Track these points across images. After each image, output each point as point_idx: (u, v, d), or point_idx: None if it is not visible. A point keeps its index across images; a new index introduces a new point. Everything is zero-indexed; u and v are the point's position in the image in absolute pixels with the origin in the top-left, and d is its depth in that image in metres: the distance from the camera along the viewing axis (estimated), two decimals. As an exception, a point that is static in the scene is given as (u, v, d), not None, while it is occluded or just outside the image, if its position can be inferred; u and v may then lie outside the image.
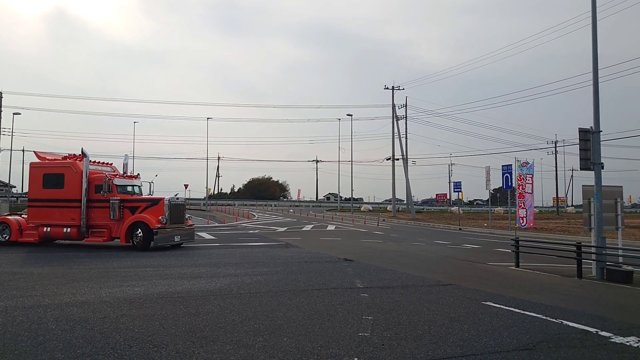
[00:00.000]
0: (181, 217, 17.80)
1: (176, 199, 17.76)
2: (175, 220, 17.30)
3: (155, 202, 17.15)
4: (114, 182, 17.27)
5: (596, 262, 12.60)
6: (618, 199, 13.61)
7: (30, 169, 18.27)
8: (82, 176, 17.25)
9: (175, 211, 17.25)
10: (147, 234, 16.44)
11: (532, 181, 33.91)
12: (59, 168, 17.86)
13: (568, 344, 5.92)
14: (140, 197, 17.90)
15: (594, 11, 13.63)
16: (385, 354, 5.30)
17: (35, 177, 17.97)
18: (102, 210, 17.15)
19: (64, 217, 17.42)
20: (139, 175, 19.58)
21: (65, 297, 8.18)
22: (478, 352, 5.46)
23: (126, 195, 17.53)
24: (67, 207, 17.37)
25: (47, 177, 17.76)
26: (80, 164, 17.55)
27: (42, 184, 17.75)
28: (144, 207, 17.02)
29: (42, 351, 5.15)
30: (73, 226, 17.30)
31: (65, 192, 17.47)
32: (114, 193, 17.12)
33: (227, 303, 7.93)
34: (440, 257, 16.57)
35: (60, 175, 17.62)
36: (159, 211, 16.77)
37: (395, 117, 55.50)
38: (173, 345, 5.45)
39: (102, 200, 17.07)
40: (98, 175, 17.57)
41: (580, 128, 13.47)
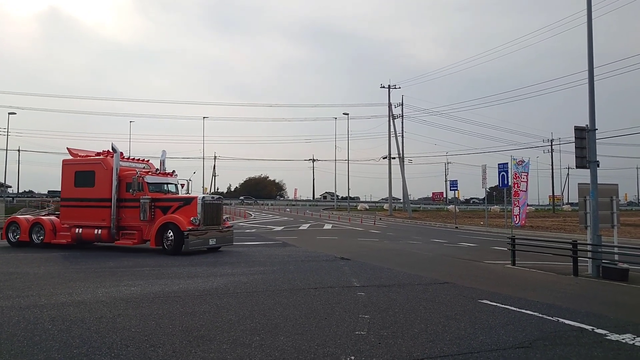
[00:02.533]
0: (217, 218, 16.18)
1: (211, 198, 16.44)
2: (210, 221, 15.76)
3: (187, 201, 15.75)
4: (146, 180, 16.01)
5: (592, 260, 12.65)
6: (614, 196, 13.67)
7: (63, 166, 17.35)
8: (112, 173, 16.09)
9: (210, 211, 15.75)
10: (179, 237, 14.84)
11: (526, 179, 34.00)
12: (89, 165, 16.84)
13: (564, 342, 5.94)
14: (172, 196, 16.51)
15: (589, 10, 13.67)
16: (382, 352, 5.31)
17: (68, 174, 17.08)
18: (133, 211, 15.94)
19: (95, 218, 16.33)
20: (174, 172, 18.21)
21: (61, 297, 8.15)
22: (474, 350, 5.47)
23: (158, 194, 16.24)
24: (98, 206, 16.29)
25: (79, 174, 16.85)
26: (110, 161, 16.36)
27: (74, 182, 16.85)
28: (176, 207, 15.63)
29: (39, 351, 5.13)
30: (104, 227, 16.15)
31: (95, 190, 16.44)
32: (145, 191, 15.82)
33: (223, 302, 7.92)
34: (436, 256, 16.60)
35: (91, 173, 16.62)
36: (192, 211, 15.31)
37: (391, 116, 55.56)
38: (170, 345, 5.44)
39: (133, 199, 15.86)
40: (129, 172, 16.30)
41: (576, 126, 13.52)
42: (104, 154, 16.97)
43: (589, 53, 13.57)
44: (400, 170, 55.25)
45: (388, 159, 56.29)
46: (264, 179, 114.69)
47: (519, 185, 33.13)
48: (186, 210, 15.37)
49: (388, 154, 56.08)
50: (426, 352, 5.35)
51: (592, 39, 13.55)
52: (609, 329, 6.59)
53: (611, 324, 6.88)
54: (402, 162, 55.75)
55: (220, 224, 16.30)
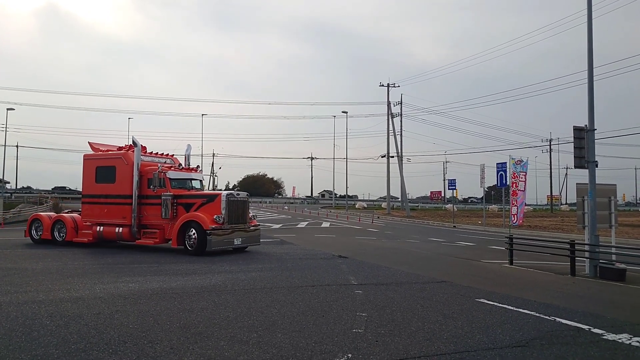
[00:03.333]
0: (243, 216, 15.25)
1: (236, 195, 15.43)
2: (236, 219, 14.87)
3: (211, 198, 14.92)
4: (168, 175, 15.22)
5: (589, 260, 12.67)
6: (612, 197, 13.69)
7: (84, 161, 16.73)
8: (133, 169, 15.35)
9: (234, 209, 14.87)
10: (202, 236, 14.02)
11: (524, 179, 34.05)
12: (110, 160, 16.19)
13: (561, 341, 5.96)
14: (195, 193, 15.69)
15: (589, 9, 13.67)
16: (379, 350, 5.32)
17: (89, 170, 16.50)
18: (154, 208, 15.23)
19: (116, 215, 15.69)
20: (199, 167, 17.41)
21: (59, 293, 8.16)
22: (471, 348, 5.48)
23: (181, 190, 15.45)
24: (119, 203, 15.65)
25: (100, 170, 16.26)
26: (131, 155, 15.59)
27: (95, 177, 16.31)
28: (199, 204, 14.81)
29: (37, 347, 5.14)
30: (125, 226, 15.47)
31: (116, 186, 15.77)
32: (167, 188, 15.09)
33: (221, 299, 7.93)
34: (434, 255, 16.63)
35: (112, 168, 15.93)
36: (215, 209, 14.47)
37: (390, 115, 55.55)
38: (167, 341, 5.45)
39: (154, 196, 15.15)
40: (150, 167, 15.56)
41: (574, 126, 13.53)
42: (125, 148, 16.36)
43: (588, 53, 13.58)
44: (399, 169, 55.27)
45: (386, 157, 56.30)
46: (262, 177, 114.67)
47: (517, 185, 33.19)
48: (209, 208, 14.58)
49: (387, 153, 56.10)
50: (423, 351, 5.37)
51: (592, 39, 13.55)
52: (606, 328, 6.60)
53: (608, 324, 6.90)
54: (401, 160, 55.76)
55: (247, 223, 15.41)
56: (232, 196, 15.02)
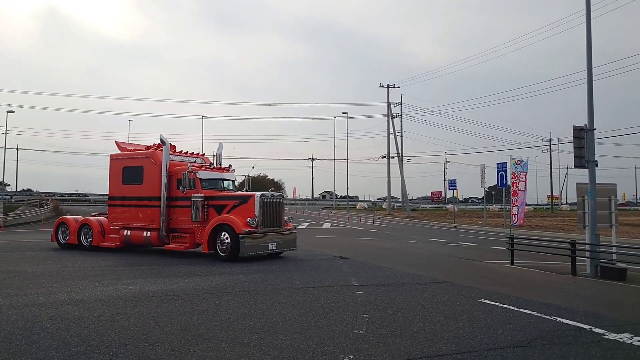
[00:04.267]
0: (278, 219, 14.21)
1: (271, 196, 14.32)
2: (270, 222, 13.85)
3: (244, 199, 13.83)
4: (198, 176, 14.24)
5: (590, 260, 12.66)
6: (612, 196, 13.68)
7: (110, 161, 15.97)
8: (161, 169, 14.49)
9: (269, 211, 13.83)
10: (234, 240, 13.02)
11: (525, 179, 34.03)
12: (137, 160, 15.39)
13: (562, 341, 5.95)
14: (227, 194, 14.65)
15: (588, 9, 13.67)
16: (381, 351, 5.32)
17: (115, 170, 15.71)
18: (184, 210, 14.29)
19: (144, 218, 14.88)
20: (231, 167, 16.27)
21: (60, 296, 8.15)
22: (473, 349, 5.47)
23: (212, 191, 14.48)
24: (146, 206, 14.85)
25: (127, 170, 15.46)
26: (159, 154, 14.74)
27: (122, 178, 15.52)
28: (231, 206, 13.82)
29: (37, 349, 5.13)
30: (153, 229, 14.62)
31: (144, 188, 14.96)
32: (198, 188, 14.12)
33: (222, 301, 7.92)
34: (435, 255, 16.62)
35: (139, 168, 15.13)
36: (248, 211, 13.45)
37: (390, 115, 55.57)
38: (168, 344, 5.44)
39: (184, 197, 14.21)
40: (180, 167, 14.63)
41: (574, 126, 13.53)
42: (153, 147, 15.54)
43: (587, 53, 13.58)
44: (399, 169, 55.27)
45: (387, 158, 56.31)
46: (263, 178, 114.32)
47: (518, 185, 33.15)
48: (242, 210, 13.57)
49: (387, 154, 56.10)
50: (425, 351, 5.36)
51: (590, 39, 13.55)
52: (607, 328, 6.59)
53: (609, 324, 6.89)
54: (401, 161, 55.76)
55: (282, 226, 14.39)
56: (266, 197, 13.93)
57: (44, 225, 35.52)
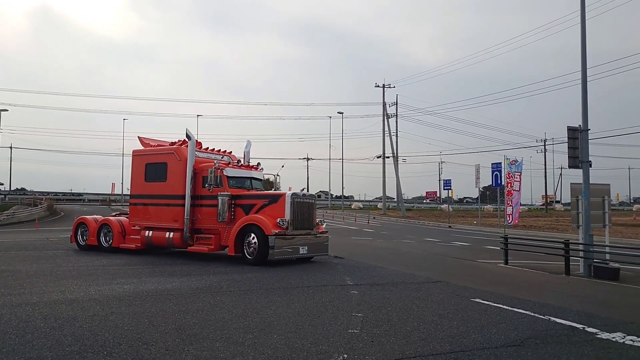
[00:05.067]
0: (309, 221, 13.27)
1: (302, 195, 13.38)
2: (301, 224, 12.91)
3: (274, 198, 12.99)
4: (225, 173, 13.46)
5: (584, 260, 12.74)
6: (605, 196, 13.77)
7: (133, 157, 15.30)
8: (186, 165, 13.77)
9: (300, 211, 12.92)
10: (263, 242, 12.13)
11: (519, 179, 34.15)
12: (161, 156, 14.66)
13: (555, 340, 5.98)
14: (256, 193, 13.87)
15: (582, 10, 13.73)
16: (375, 350, 5.32)
17: (138, 167, 15.02)
18: (209, 210, 13.50)
19: (167, 218, 14.15)
20: (259, 165, 15.57)
21: (53, 295, 8.11)
22: (467, 348, 5.49)
23: (240, 190, 13.70)
24: (170, 204, 14.08)
25: (150, 167, 14.73)
26: (184, 150, 14.02)
27: (144, 175, 14.81)
28: (260, 206, 13.00)
29: (30, 349, 5.11)
30: (176, 230, 13.86)
31: (167, 185, 14.22)
32: (224, 187, 13.33)
33: (217, 300, 7.91)
34: (429, 255, 16.66)
35: (163, 165, 14.40)
36: (278, 211, 12.62)
37: (386, 115, 55.65)
38: (162, 343, 5.43)
39: (210, 196, 13.41)
40: (206, 164, 13.92)
41: (569, 126, 13.60)
42: (178, 143, 14.74)
43: (582, 54, 13.65)
44: (394, 169, 55.39)
45: (382, 158, 56.40)
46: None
47: (512, 185, 33.27)
48: (272, 210, 12.75)
49: (382, 153, 56.18)
50: (419, 351, 5.37)
51: (585, 39, 13.62)
52: (600, 327, 6.63)
53: (602, 323, 6.94)
54: (396, 161, 55.89)
55: (313, 228, 13.42)
56: (297, 196, 13.01)
57: (37, 224, 35.35)
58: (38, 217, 42.44)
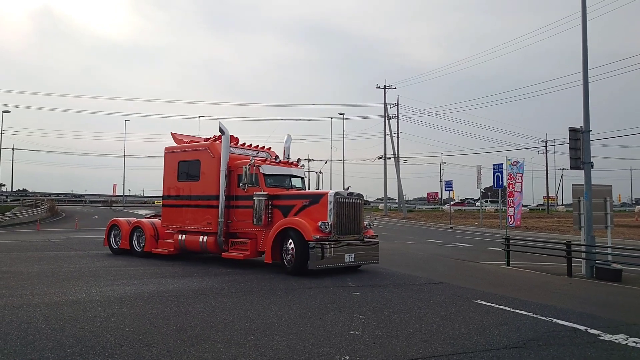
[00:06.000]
0: (356, 224, 11.61)
1: (348, 195, 11.67)
2: (347, 228, 11.35)
3: (315, 199, 11.56)
4: (261, 170, 12.20)
5: (586, 261, 12.70)
6: (607, 198, 13.74)
7: (165, 155, 14.30)
8: (220, 163, 12.67)
9: (346, 214, 11.38)
10: (302, 249, 10.72)
11: (521, 180, 34.08)
12: (193, 153, 13.59)
13: (558, 342, 5.96)
14: (294, 192, 12.56)
15: (584, 11, 13.72)
16: (377, 352, 5.31)
17: (170, 166, 14.06)
18: (245, 212, 12.23)
19: (200, 221, 13.02)
20: (300, 161, 14.29)
21: (55, 296, 8.11)
22: (469, 350, 5.48)
23: (278, 189, 12.42)
24: (203, 206, 13.01)
25: (182, 165, 13.76)
26: (218, 146, 12.86)
27: (177, 175, 13.84)
28: (299, 207, 11.62)
29: (32, 350, 5.10)
30: (210, 234, 12.69)
31: (201, 185, 13.16)
32: (261, 186, 12.05)
33: (218, 302, 7.91)
34: (431, 256, 16.64)
35: (196, 163, 13.36)
36: (320, 213, 11.19)
37: (386, 116, 55.64)
38: (164, 344, 5.42)
39: (245, 196, 12.17)
40: (241, 161, 12.56)
41: (570, 127, 13.56)
42: (213, 138, 13.58)
43: (583, 54, 13.63)
44: (396, 170, 55.39)
45: (383, 159, 56.37)
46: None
47: (514, 186, 33.21)
48: (312, 212, 11.37)
49: (384, 154, 56.15)
50: (420, 352, 5.36)
51: (586, 40, 13.60)
52: (603, 329, 6.61)
53: (604, 324, 6.92)
54: (398, 162, 55.88)
55: (361, 232, 11.77)
56: (342, 196, 11.47)
57: (39, 225, 35.38)
58: (40, 218, 42.48)
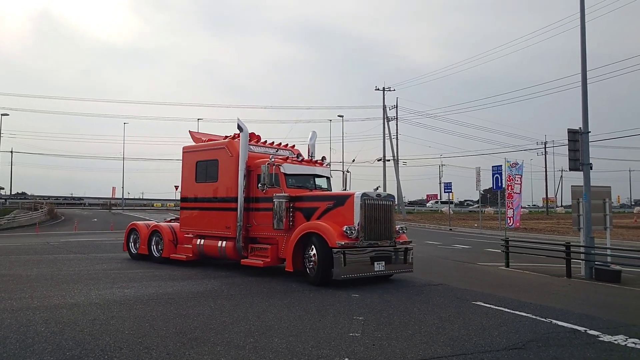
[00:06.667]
0: (386, 228, 10.50)
1: (377, 196, 10.50)
2: (376, 232, 10.24)
3: (339, 200, 10.52)
4: (282, 170, 11.27)
5: (585, 262, 12.71)
6: (606, 199, 13.75)
7: (183, 154, 13.55)
8: (238, 162, 11.78)
9: (375, 217, 10.25)
10: (325, 256, 9.69)
11: (520, 182, 34.10)
12: (211, 152, 12.75)
13: (557, 343, 5.97)
14: (317, 193, 11.52)
15: (582, 14, 13.74)
16: (376, 354, 5.32)
17: (188, 166, 13.31)
18: (265, 215, 11.32)
19: (218, 225, 12.18)
20: (325, 159, 13.06)
21: (54, 300, 8.10)
22: (468, 351, 5.48)
23: (301, 190, 11.45)
24: (221, 209, 12.18)
25: (200, 165, 12.96)
26: (236, 144, 11.95)
27: (195, 176, 13.08)
28: (323, 209, 10.61)
29: (31, 354, 5.10)
30: (229, 239, 11.84)
31: (219, 186, 12.36)
32: (282, 186, 11.15)
33: (217, 304, 7.91)
34: (430, 257, 16.63)
35: (213, 162, 12.55)
36: (345, 216, 10.16)
37: (386, 118, 55.70)
38: (163, 347, 5.42)
39: (265, 198, 11.29)
40: (261, 160, 11.68)
41: (569, 129, 13.57)
42: (232, 136, 12.58)
43: (582, 56, 13.65)
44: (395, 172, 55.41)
45: (382, 161, 56.42)
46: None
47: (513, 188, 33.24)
48: (337, 215, 10.35)
49: (383, 156, 56.20)
50: (420, 354, 5.36)
51: (585, 42, 13.62)
52: (602, 330, 6.62)
53: (604, 326, 6.92)
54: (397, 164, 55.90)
55: (393, 238, 10.63)
56: (369, 197, 10.31)
57: (38, 228, 35.33)
58: (39, 222, 42.43)
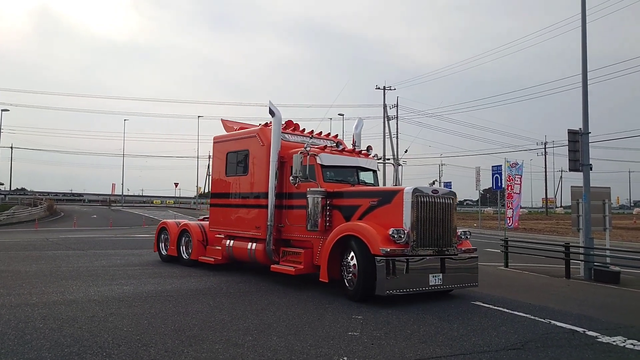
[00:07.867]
0: (444, 232, 8.59)
1: (432, 192, 8.55)
2: (431, 237, 8.39)
3: (386, 197, 8.69)
4: (319, 161, 9.64)
5: (584, 263, 12.71)
6: (606, 200, 13.75)
7: (213, 145, 12.20)
8: (269, 152, 10.23)
9: (429, 217, 8.38)
10: (367, 266, 7.95)
11: (520, 182, 34.12)
12: (242, 141, 11.25)
13: (556, 344, 5.96)
14: (359, 189, 9.74)
15: (583, 14, 13.72)
16: (375, 353, 5.31)
17: (218, 158, 11.98)
18: (299, 213, 9.79)
19: (247, 224, 10.75)
20: (371, 149, 11.30)
21: (53, 296, 8.10)
22: (467, 351, 5.48)
23: (341, 185, 9.76)
24: (251, 205, 10.78)
25: (230, 157, 11.54)
26: (268, 133, 10.42)
27: (226, 168, 11.67)
28: (365, 208, 8.86)
29: (29, 350, 5.10)
30: (259, 240, 10.36)
31: (249, 180, 10.90)
32: (318, 180, 9.48)
33: (216, 302, 7.90)
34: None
35: (244, 153, 11.10)
36: (393, 217, 8.35)
37: (386, 118, 55.67)
38: (162, 344, 5.42)
39: (299, 194, 9.71)
40: (295, 150, 10.01)
41: (569, 129, 13.57)
42: (265, 124, 11.02)
43: (583, 57, 13.63)
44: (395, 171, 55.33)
45: (383, 160, 56.40)
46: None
47: (513, 188, 33.25)
48: (382, 215, 8.56)
49: (383, 156, 56.17)
50: (419, 353, 5.36)
51: (586, 43, 13.60)
52: (600, 331, 6.62)
53: (602, 327, 6.92)
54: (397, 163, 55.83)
55: (452, 245, 8.69)
56: (423, 194, 8.41)
57: (37, 224, 35.33)
58: (38, 218, 42.46)
